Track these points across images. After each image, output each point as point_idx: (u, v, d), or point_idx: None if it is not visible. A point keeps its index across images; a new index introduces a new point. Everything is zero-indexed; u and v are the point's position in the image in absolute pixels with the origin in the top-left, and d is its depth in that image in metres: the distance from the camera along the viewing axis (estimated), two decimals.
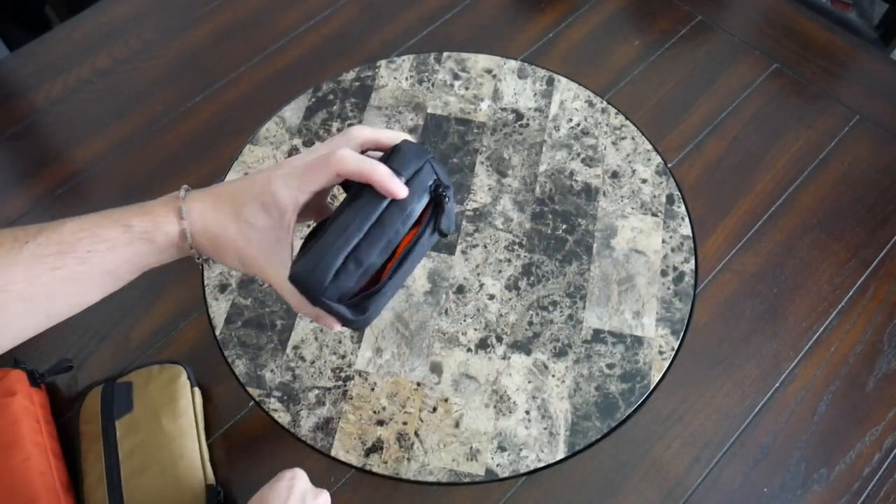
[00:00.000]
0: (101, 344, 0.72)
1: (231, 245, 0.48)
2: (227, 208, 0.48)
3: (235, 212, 0.47)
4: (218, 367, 0.71)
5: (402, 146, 0.47)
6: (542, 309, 0.73)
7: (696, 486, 0.65)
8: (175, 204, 0.48)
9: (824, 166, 0.82)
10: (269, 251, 0.47)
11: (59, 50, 0.93)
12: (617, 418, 0.68)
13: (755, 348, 0.72)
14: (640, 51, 0.91)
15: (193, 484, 0.61)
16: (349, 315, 0.46)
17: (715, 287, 0.75)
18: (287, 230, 0.47)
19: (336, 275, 0.44)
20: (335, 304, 0.45)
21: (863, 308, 0.74)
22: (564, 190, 0.80)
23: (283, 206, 0.46)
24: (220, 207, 0.48)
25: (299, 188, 0.46)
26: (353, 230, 0.44)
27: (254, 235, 0.47)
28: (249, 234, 0.47)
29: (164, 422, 0.63)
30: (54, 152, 0.86)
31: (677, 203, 0.79)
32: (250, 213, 0.47)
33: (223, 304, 0.74)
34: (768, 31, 0.93)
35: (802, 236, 0.78)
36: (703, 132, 0.85)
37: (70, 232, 0.46)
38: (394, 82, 0.88)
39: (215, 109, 0.88)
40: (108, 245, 0.46)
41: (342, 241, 0.44)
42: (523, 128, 0.85)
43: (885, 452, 0.67)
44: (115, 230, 0.46)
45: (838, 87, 0.88)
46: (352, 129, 0.49)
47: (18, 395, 0.63)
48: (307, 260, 0.44)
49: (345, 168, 0.45)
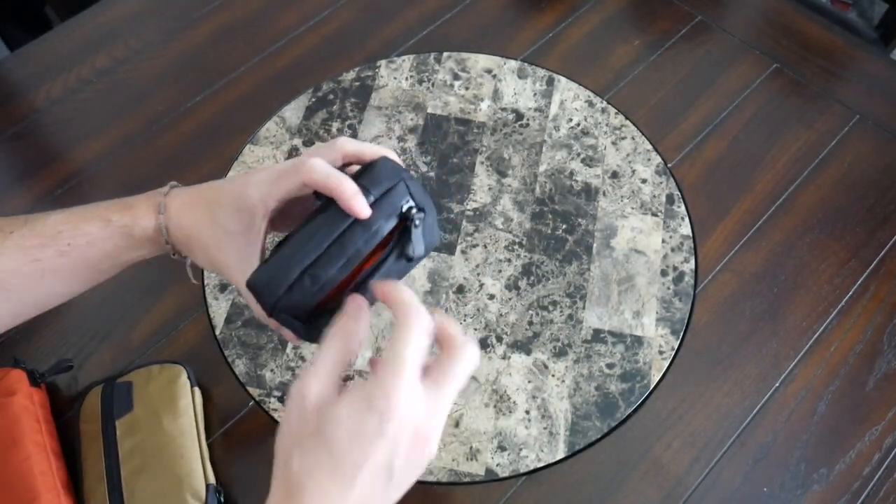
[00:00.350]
0: (102, 344, 0.72)
1: (201, 245, 0.48)
2: (203, 209, 0.48)
3: (211, 213, 0.47)
4: (218, 367, 0.71)
5: (377, 163, 0.45)
6: (542, 309, 0.73)
7: (695, 485, 0.65)
8: (156, 199, 0.48)
9: (824, 166, 0.82)
10: (237, 255, 0.47)
11: (59, 50, 0.93)
12: (617, 418, 0.68)
13: (755, 348, 0.72)
14: (640, 51, 0.91)
15: (193, 484, 0.61)
16: (301, 330, 0.45)
17: (715, 287, 0.75)
18: (257, 235, 0.46)
19: (290, 288, 0.42)
20: (288, 317, 0.44)
21: (863, 308, 0.74)
22: (564, 190, 0.80)
23: (254, 211, 0.46)
24: (196, 207, 0.48)
25: (269, 194, 0.46)
26: (314, 245, 0.42)
27: (224, 238, 0.47)
28: (220, 237, 0.47)
29: (165, 421, 0.63)
30: (54, 152, 0.86)
31: (677, 203, 0.79)
32: (223, 215, 0.47)
33: (223, 304, 0.74)
34: (768, 31, 0.93)
35: (802, 236, 0.78)
36: (703, 132, 0.85)
37: (53, 224, 0.47)
38: (394, 82, 0.88)
39: (215, 109, 0.88)
40: (87, 239, 0.47)
41: (300, 255, 0.42)
42: (523, 128, 0.85)
43: (884, 452, 0.67)
44: (94, 224, 0.47)
45: (838, 87, 0.88)
46: (337, 139, 0.48)
47: (18, 395, 0.63)
48: (265, 270, 0.43)
49: (311, 178, 0.44)
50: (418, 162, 0.82)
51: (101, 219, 0.47)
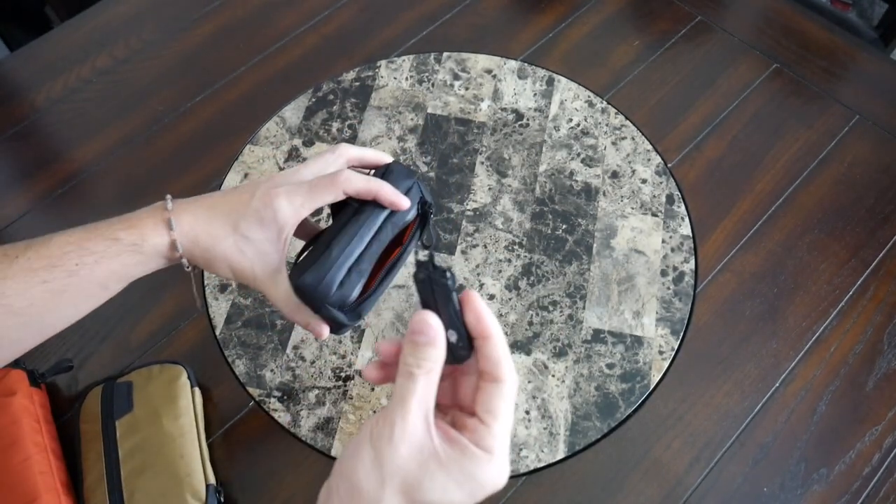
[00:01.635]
0: (102, 344, 0.72)
1: (223, 257, 0.49)
2: (221, 221, 0.49)
3: (232, 225, 0.49)
4: (218, 367, 0.71)
5: (393, 167, 0.52)
6: (542, 309, 0.73)
7: (695, 485, 0.65)
8: (163, 216, 0.48)
9: (824, 166, 0.82)
10: (263, 264, 0.49)
11: (59, 50, 0.93)
12: (617, 418, 0.68)
13: (755, 348, 0.72)
14: (640, 51, 0.91)
15: (193, 484, 0.61)
16: (346, 321, 0.49)
17: (715, 287, 0.75)
18: (284, 244, 0.50)
19: (340, 284, 0.48)
20: (336, 311, 0.49)
21: (862, 308, 0.74)
22: (564, 190, 0.80)
23: (283, 222, 0.49)
24: (213, 220, 0.49)
25: (303, 205, 0.49)
26: (356, 243, 0.48)
27: (249, 249, 0.49)
28: (245, 248, 0.49)
29: (165, 422, 0.63)
30: (54, 152, 0.86)
31: (677, 203, 0.79)
32: (247, 227, 0.49)
33: (223, 304, 0.74)
34: (768, 31, 0.93)
35: (802, 236, 0.78)
36: (703, 132, 0.85)
37: (58, 246, 0.47)
38: (394, 82, 0.88)
39: (215, 109, 0.88)
40: (95, 257, 0.47)
41: (346, 254, 0.48)
42: (523, 128, 0.85)
43: (884, 452, 0.67)
44: (101, 243, 0.47)
45: (838, 87, 0.88)
46: (340, 146, 0.53)
47: (18, 395, 0.63)
48: (314, 271, 0.48)
49: (352, 187, 0.49)
50: (418, 162, 0.82)
51: (107, 238, 0.47)
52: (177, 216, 0.48)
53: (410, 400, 0.35)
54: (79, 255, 0.46)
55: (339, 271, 0.48)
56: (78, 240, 0.47)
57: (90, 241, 0.47)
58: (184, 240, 0.48)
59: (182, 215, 0.49)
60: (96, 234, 0.47)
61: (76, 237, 0.47)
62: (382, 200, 0.49)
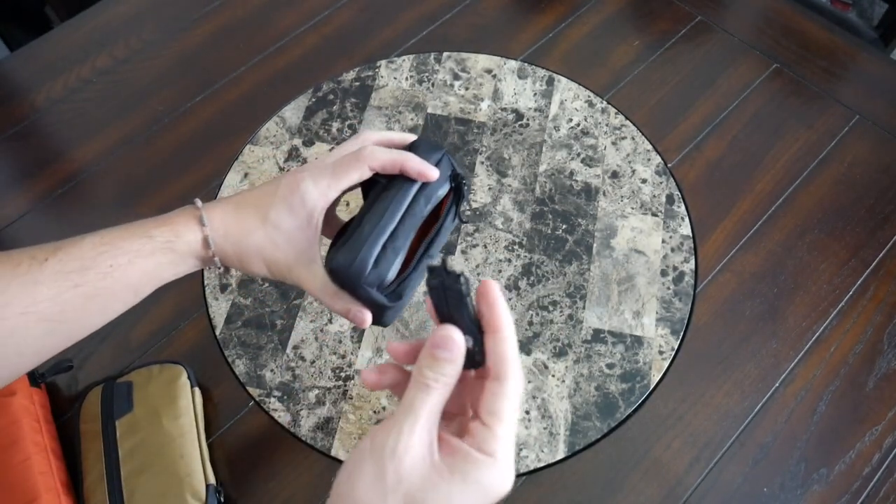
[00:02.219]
0: (101, 344, 0.72)
1: (256, 250, 0.48)
2: (250, 213, 0.48)
3: (261, 216, 0.47)
4: (218, 367, 0.71)
5: (419, 142, 0.50)
6: (542, 309, 0.73)
7: (695, 485, 0.65)
8: (194, 213, 0.47)
9: (824, 166, 0.82)
10: (297, 252, 0.48)
11: (59, 50, 0.93)
12: (617, 418, 0.68)
13: (755, 348, 0.72)
14: (640, 51, 0.91)
15: (193, 484, 0.61)
16: (386, 302, 0.47)
17: (715, 287, 0.75)
18: (315, 230, 0.48)
19: (376, 262, 0.45)
20: (374, 291, 0.46)
21: (862, 308, 0.74)
22: (564, 190, 0.80)
23: (312, 206, 0.47)
24: (242, 213, 0.48)
25: (329, 186, 0.47)
26: (387, 219, 0.46)
27: (281, 238, 0.47)
28: (276, 237, 0.47)
29: (165, 422, 0.63)
30: (54, 152, 0.86)
31: (677, 203, 0.79)
32: (277, 215, 0.47)
33: (223, 304, 0.74)
34: (768, 31, 0.93)
35: (802, 236, 0.78)
36: (703, 132, 0.85)
37: (91, 246, 0.45)
38: (394, 82, 0.88)
39: (215, 109, 0.88)
40: (129, 258, 0.45)
41: (378, 231, 0.45)
42: (523, 128, 0.85)
43: (884, 452, 0.67)
44: (136, 241, 0.46)
45: (838, 87, 0.88)
46: (363, 132, 0.50)
47: (18, 395, 0.63)
48: (346, 250, 0.45)
49: (377, 161, 0.47)
50: None
51: (141, 235, 0.46)
52: (208, 212, 0.47)
53: (421, 413, 0.34)
54: (112, 256, 0.45)
55: (372, 248, 0.45)
56: (112, 239, 0.45)
57: (124, 240, 0.45)
58: (215, 235, 0.47)
59: (212, 212, 0.48)
60: (129, 232, 0.46)
61: (110, 236, 0.46)
62: (409, 172, 0.47)
